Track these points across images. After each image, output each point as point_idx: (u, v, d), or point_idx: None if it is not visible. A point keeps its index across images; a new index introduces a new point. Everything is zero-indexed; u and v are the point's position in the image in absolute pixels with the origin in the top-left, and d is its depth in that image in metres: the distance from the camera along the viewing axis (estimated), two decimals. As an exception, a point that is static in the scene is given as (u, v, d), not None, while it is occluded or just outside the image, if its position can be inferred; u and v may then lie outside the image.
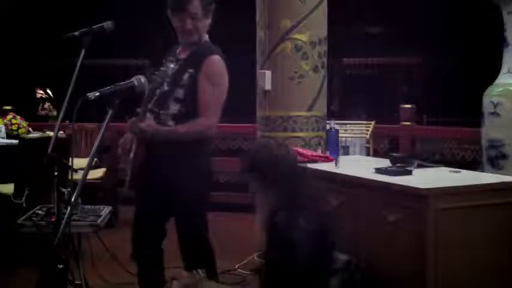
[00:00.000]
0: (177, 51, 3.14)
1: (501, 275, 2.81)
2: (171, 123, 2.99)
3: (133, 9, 9.39)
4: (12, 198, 4.30)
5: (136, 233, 3.18)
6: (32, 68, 9.52)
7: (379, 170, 3.11)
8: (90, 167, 2.27)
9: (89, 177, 2.25)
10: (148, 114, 3.00)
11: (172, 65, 3.09)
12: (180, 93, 2.99)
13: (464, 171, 3.27)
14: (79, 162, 2.76)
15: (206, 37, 3.11)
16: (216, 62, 3.01)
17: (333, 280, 2.69)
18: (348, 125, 5.98)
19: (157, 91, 3.03)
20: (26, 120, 5.75)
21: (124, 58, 10.86)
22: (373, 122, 5.98)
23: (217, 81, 3.01)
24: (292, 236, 2.44)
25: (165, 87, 3.03)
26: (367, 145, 5.79)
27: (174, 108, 2.99)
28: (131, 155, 3.02)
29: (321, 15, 4.18)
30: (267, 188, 2.57)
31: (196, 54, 3.04)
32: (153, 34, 9.28)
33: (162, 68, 3.13)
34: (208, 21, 3.07)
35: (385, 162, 3.42)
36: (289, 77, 4.09)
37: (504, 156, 4.40)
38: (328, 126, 4.20)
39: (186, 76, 2.99)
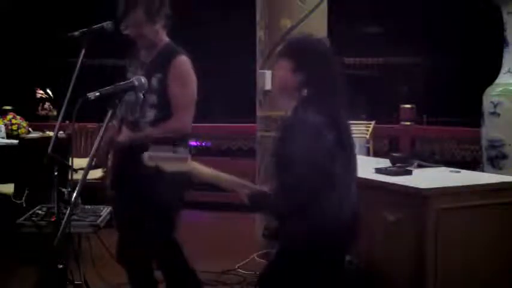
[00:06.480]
0: (140, 55, 3.12)
1: (501, 275, 2.81)
2: (149, 129, 2.99)
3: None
4: (12, 198, 4.30)
5: (118, 235, 3.22)
6: (32, 68, 9.50)
7: (379, 170, 3.11)
8: (90, 167, 2.27)
9: (89, 177, 2.24)
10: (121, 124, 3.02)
11: (139, 71, 3.05)
12: (153, 99, 2.97)
13: (464, 171, 3.27)
14: (79, 162, 2.75)
15: (165, 38, 3.09)
16: (184, 62, 3.02)
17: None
18: (347, 125, 5.96)
19: (126, 99, 2.84)
20: (26, 120, 5.74)
21: (124, 58, 10.83)
22: (373, 122, 5.97)
23: (186, 81, 3.03)
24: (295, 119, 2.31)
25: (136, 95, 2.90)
26: (367, 145, 5.78)
27: (150, 114, 3.00)
28: (109, 157, 3.07)
29: (321, 15, 4.17)
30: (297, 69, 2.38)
31: (160, 57, 3.04)
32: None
33: (129, 76, 3.05)
34: (157, 26, 3.02)
35: (385, 162, 3.42)
36: (289, 77, 4.08)
37: (504, 156, 4.41)
38: (328, 126, 4.19)
39: (154, 81, 2.97)
